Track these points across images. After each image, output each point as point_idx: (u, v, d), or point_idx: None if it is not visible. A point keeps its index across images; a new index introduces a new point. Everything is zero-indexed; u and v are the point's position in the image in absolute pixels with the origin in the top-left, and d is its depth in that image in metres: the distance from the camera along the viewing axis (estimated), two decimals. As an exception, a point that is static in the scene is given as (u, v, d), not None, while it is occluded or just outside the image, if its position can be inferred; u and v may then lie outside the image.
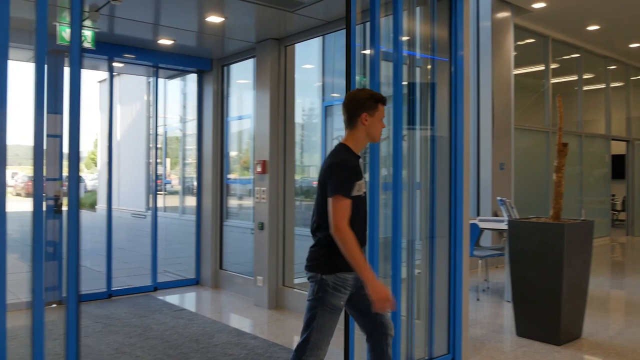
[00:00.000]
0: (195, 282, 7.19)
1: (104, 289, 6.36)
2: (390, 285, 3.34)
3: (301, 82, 7.82)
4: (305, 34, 5.82)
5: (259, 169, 6.11)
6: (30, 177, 2.40)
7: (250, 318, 5.72)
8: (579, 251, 4.81)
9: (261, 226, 6.08)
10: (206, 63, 7.06)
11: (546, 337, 4.73)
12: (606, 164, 12.19)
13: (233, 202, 7.59)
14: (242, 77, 7.37)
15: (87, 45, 5.27)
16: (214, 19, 5.42)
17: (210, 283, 7.01)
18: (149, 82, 11.56)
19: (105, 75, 13.29)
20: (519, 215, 6.59)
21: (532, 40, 10.09)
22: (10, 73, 2.30)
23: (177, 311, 5.81)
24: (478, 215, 8.50)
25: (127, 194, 17.52)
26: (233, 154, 7.65)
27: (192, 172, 8.34)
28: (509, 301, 5.90)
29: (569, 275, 4.64)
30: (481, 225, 6.83)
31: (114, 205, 6.92)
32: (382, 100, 2.76)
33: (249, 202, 7.37)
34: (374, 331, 2.78)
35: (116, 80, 9.36)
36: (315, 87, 8.77)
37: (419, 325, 3.96)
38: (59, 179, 5.71)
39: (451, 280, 4.05)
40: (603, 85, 12.19)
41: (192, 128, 7.63)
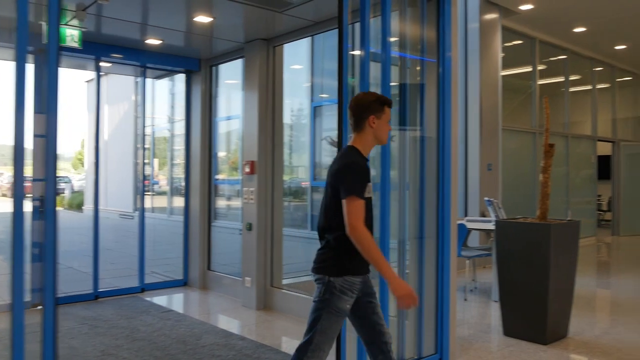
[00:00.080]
0: (183, 283, 7.16)
1: (91, 290, 6.32)
2: (378, 287, 3.34)
3: (290, 83, 7.79)
4: (294, 35, 5.82)
5: (247, 170, 6.10)
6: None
7: (239, 319, 5.71)
8: (565, 251, 4.85)
9: (249, 227, 6.07)
10: (194, 63, 7.03)
11: (533, 337, 4.77)
12: (592, 165, 12.32)
13: (221, 203, 7.56)
14: (231, 78, 7.34)
15: (74, 44, 5.22)
16: (202, 19, 5.40)
17: (198, 284, 6.98)
18: (137, 82, 11.49)
19: (92, 75, 13.19)
20: (506, 215, 6.64)
21: (520, 41, 10.17)
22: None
23: (165, 312, 5.78)
24: (466, 215, 8.54)
25: (115, 195, 17.40)
26: (221, 154, 7.62)
27: (180, 173, 8.28)
28: (496, 301, 5.94)
29: (555, 275, 4.68)
30: (469, 225, 6.86)
31: (101, 206, 6.87)
32: (389, 102, 2.77)
33: (237, 203, 7.34)
34: (373, 339, 2.74)
35: (103, 80, 9.29)
36: (304, 88, 8.75)
37: (407, 325, 3.97)
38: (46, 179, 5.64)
39: (439, 281, 4.07)
40: (589, 87, 12.32)
41: (180, 128, 7.59)
